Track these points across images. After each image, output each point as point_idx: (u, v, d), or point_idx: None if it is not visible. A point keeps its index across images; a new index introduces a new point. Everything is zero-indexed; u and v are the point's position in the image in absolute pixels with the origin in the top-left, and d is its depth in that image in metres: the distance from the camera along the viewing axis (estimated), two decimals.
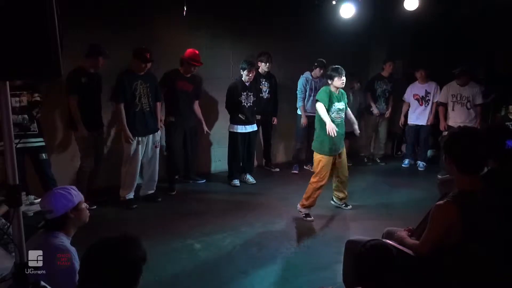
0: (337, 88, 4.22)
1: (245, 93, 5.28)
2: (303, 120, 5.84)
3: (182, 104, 4.97)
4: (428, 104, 6.17)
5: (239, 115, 5.29)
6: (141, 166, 4.70)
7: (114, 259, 1.46)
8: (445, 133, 5.76)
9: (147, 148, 4.65)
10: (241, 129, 5.33)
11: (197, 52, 4.90)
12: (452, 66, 6.13)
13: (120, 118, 4.44)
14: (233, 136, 5.36)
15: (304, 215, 4.34)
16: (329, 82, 4.24)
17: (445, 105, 5.80)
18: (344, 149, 4.48)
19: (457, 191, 2.01)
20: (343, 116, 4.32)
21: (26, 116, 3.88)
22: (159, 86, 4.80)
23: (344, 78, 4.18)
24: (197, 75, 5.15)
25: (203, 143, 5.72)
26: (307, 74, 5.86)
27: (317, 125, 4.34)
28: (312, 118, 5.92)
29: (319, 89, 5.82)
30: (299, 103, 5.84)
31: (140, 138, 4.54)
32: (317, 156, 4.29)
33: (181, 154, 5.19)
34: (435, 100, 6.09)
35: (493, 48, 6.28)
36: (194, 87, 5.05)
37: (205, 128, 5.34)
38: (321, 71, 5.77)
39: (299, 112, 5.95)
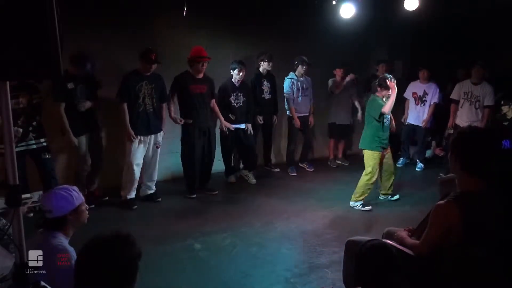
0: (383, 96, 4.56)
1: (234, 94, 5.29)
2: (297, 122, 5.83)
3: (198, 107, 4.82)
4: (424, 105, 6.14)
5: (229, 115, 5.31)
6: (142, 166, 4.70)
7: (109, 258, 1.44)
8: (451, 130, 5.70)
9: (149, 148, 4.65)
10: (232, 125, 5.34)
11: (201, 48, 4.77)
12: (452, 66, 6.12)
13: (123, 117, 4.44)
14: (223, 134, 5.34)
15: (361, 206, 4.61)
16: (378, 90, 4.58)
17: (457, 102, 5.69)
18: (389, 149, 4.74)
19: (459, 191, 2.00)
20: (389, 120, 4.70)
21: (20, 129, 3.85)
22: (171, 91, 4.78)
23: None
24: (208, 75, 5.02)
25: None
26: (291, 74, 5.83)
27: (366, 123, 4.63)
28: (303, 118, 5.95)
29: (306, 88, 5.86)
30: (289, 105, 5.81)
31: (142, 138, 4.54)
32: (367, 153, 4.56)
33: (200, 158, 4.97)
34: (433, 102, 6.05)
35: (493, 48, 6.27)
36: (207, 87, 4.90)
37: (224, 124, 5.20)
38: (304, 68, 5.74)
39: (288, 113, 5.92)
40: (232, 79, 5.26)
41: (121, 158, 4.68)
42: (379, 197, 4.92)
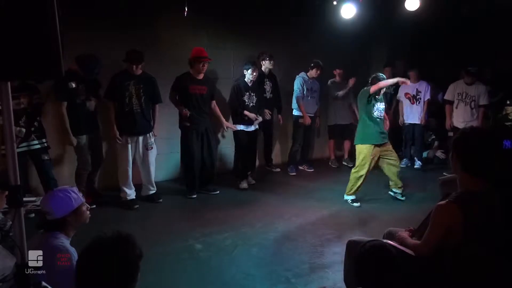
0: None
1: (248, 93, 5.28)
2: (307, 120, 5.83)
3: (197, 108, 4.81)
4: (419, 102, 6.23)
5: (244, 116, 5.29)
6: (138, 167, 4.71)
7: (110, 259, 1.44)
8: (451, 133, 5.74)
9: (138, 149, 4.62)
10: (246, 128, 5.33)
11: (202, 48, 4.79)
12: (452, 66, 6.12)
13: (111, 116, 4.50)
14: (240, 135, 5.31)
15: (351, 201, 4.69)
16: (369, 87, 4.51)
17: (451, 103, 5.75)
18: (389, 144, 4.71)
19: (460, 191, 2.01)
20: (383, 115, 4.65)
21: (23, 129, 3.86)
22: (172, 89, 4.78)
23: None
24: (209, 76, 5.02)
25: None
26: (303, 74, 5.87)
27: (360, 118, 4.66)
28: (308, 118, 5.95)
29: (314, 90, 5.90)
30: (297, 103, 5.81)
31: (129, 138, 4.54)
32: (359, 147, 4.60)
33: (199, 159, 4.93)
34: (426, 99, 6.15)
35: (493, 48, 6.28)
36: (208, 88, 4.89)
37: (226, 125, 5.19)
38: (318, 72, 5.78)
39: (295, 113, 5.94)
40: (245, 79, 5.25)
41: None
42: (389, 192, 4.93)
